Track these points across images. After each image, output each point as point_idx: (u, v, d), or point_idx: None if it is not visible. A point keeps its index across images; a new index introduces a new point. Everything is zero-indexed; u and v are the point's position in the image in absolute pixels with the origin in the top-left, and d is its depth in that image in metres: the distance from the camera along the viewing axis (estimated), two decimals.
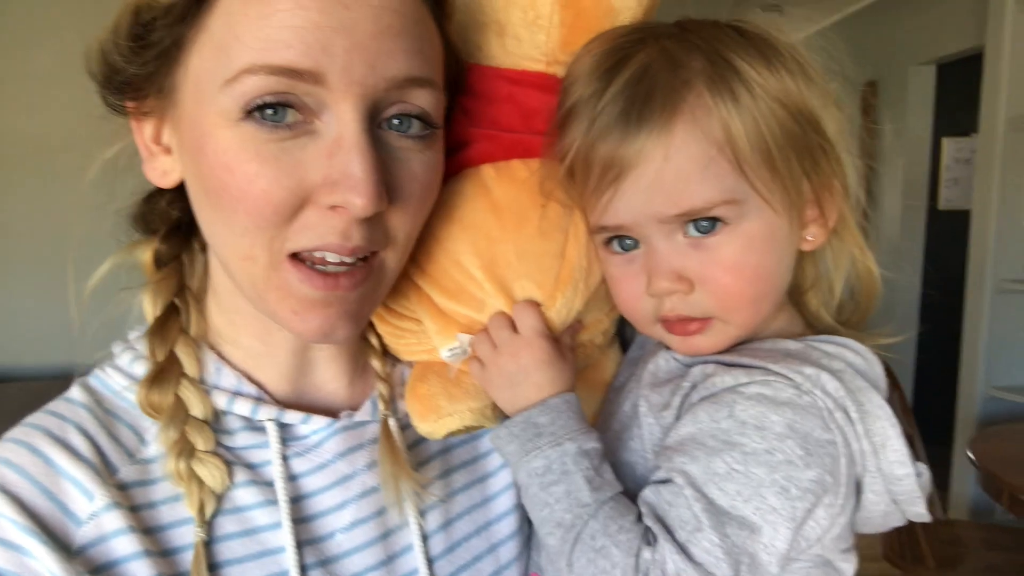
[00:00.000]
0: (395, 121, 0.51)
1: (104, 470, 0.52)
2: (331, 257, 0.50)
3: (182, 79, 0.51)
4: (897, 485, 0.56)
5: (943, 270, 3.58)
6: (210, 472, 0.54)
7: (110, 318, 0.61)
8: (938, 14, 3.77)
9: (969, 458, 2.35)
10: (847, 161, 0.58)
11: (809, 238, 0.59)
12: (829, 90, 0.57)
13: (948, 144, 4.06)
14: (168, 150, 0.55)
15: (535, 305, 0.60)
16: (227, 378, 0.59)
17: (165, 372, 0.56)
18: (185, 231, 0.61)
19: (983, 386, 3.25)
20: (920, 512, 0.57)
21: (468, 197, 0.60)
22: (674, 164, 0.53)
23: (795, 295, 0.64)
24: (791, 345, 0.58)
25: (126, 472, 0.54)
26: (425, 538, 0.61)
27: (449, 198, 0.61)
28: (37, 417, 0.55)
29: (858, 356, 0.58)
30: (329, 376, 0.63)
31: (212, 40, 0.48)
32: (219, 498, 0.55)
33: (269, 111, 0.47)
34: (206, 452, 0.54)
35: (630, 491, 0.57)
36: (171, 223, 0.61)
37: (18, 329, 2.66)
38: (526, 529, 0.67)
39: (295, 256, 0.51)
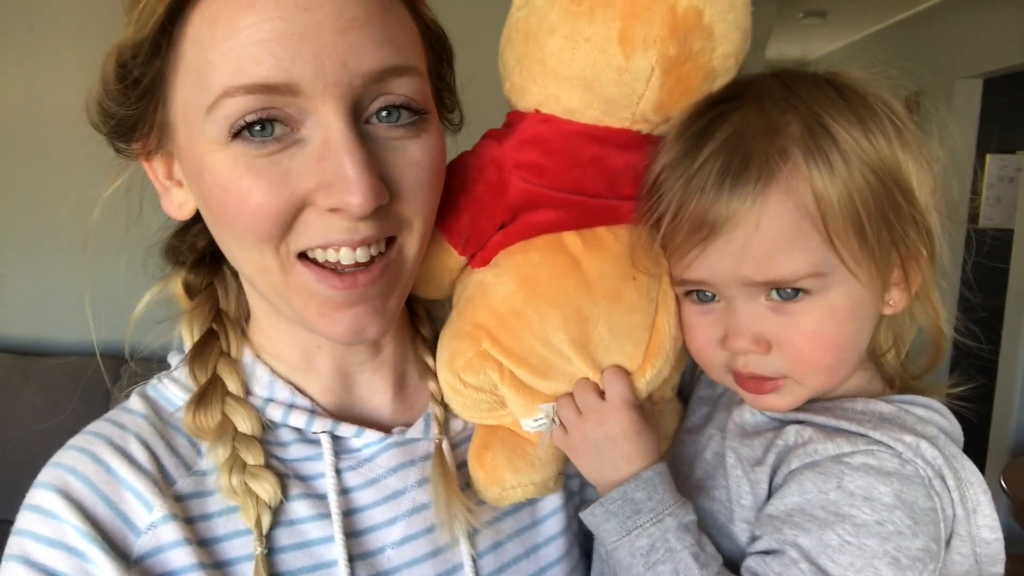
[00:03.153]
0: (383, 114, 0.50)
1: (162, 481, 0.53)
2: (345, 258, 0.50)
3: (172, 112, 0.51)
4: (984, 548, 0.56)
5: (981, 290, 3.48)
6: (263, 486, 0.54)
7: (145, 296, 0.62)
8: (986, 27, 3.66)
9: (1002, 487, 2.27)
10: (936, 227, 0.56)
11: (891, 303, 0.58)
12: (923, 150, 0.55)
13: (992, 161, 3.94)
14: (180, 183, 0.55)
15: (625, 373, 0.59)
16: (281, 391, 0.59)
17: (209, 394, 0.57)
18: (213, 259, 0.62)
19: (1019, 413, 3.15)
20: (998, 572, 0.57)
21: (556, 271, 0.57)
22: (765, 234, 0.52)
23: (874, 355, 0.63)
24: (884, 408, 0.57)
25: (183, 484, 0.54)
26: (475, 558, 0.60)
27: (530, 270, 0.57)
28: (98, 425, 0.56)
29: (944, 419, 0.58)
30: (373, 390, 0.63)
31: (189, 69, 0.49)
32: (275, 511, 0.55)
33: (256, 128, 0.47)
34: (258, 466, 0.55)
35: (712, 537, 0.57)
36: (198, 253, 0.62)
37: (55, 305, 2.72)
38: (574, 553, 0.67)
39: (305, 256, 0.51)
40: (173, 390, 0.59)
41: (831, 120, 0.52)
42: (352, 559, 0.56)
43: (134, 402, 0.58)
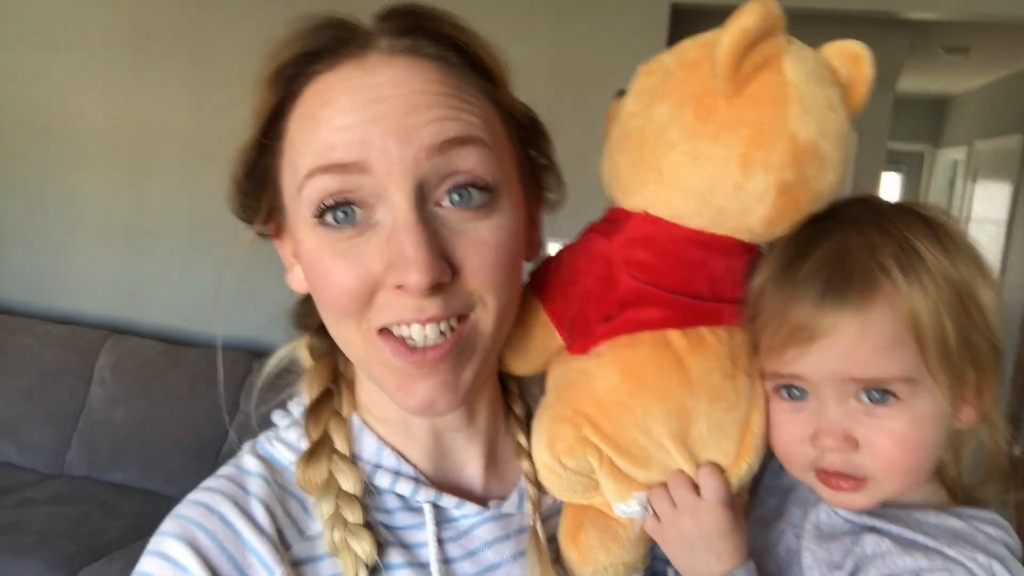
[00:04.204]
0: (455, 197, 0.53)
1: (281, 546, 0.56)
2: (416, 334, 0.54)
3: (282, 199, 0.58)
4: None
5: None
6: (360, 545, 0.56)
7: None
8: None
9: None
10: (1002, 347, 0.61)
11: (963, 417, 0.62)
12: (996, 280, 0.61)
13: None
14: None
15: (720, 470, 0.62)
16: (388, 458, 0.62)
17: (319, 451, 0.60)
18: None
19: None
20: None
21: (661, 367, 0.61)
22: (867, 338, 0.57)
23: (937, 466, 0.66)
24: (956, 524, 0.60)
25: (298, 548, 0.57)
26: None
27: (636, 364, 0.61)
28: (219, 483, 0.59)
29: (1010, 537, 0.60)
30: (467, 458, 0.66)
31: (288, 160, 0.56)
32: (373, 572, 0.57)
33: (339, 213, 0.53)
34: (357, 524, 0.57)
35: None
36: (320, 320, 0.65)
37: (200, 301, 3.03)
38: None
39: (385, 331, 0.54)
40: (282, 451, 0.62)
41: (919, 243, 0.58)
42: None
43: (249, 462, 0.61)
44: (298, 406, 0.65)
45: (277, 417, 0.66)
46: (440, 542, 0.60)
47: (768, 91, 0.57)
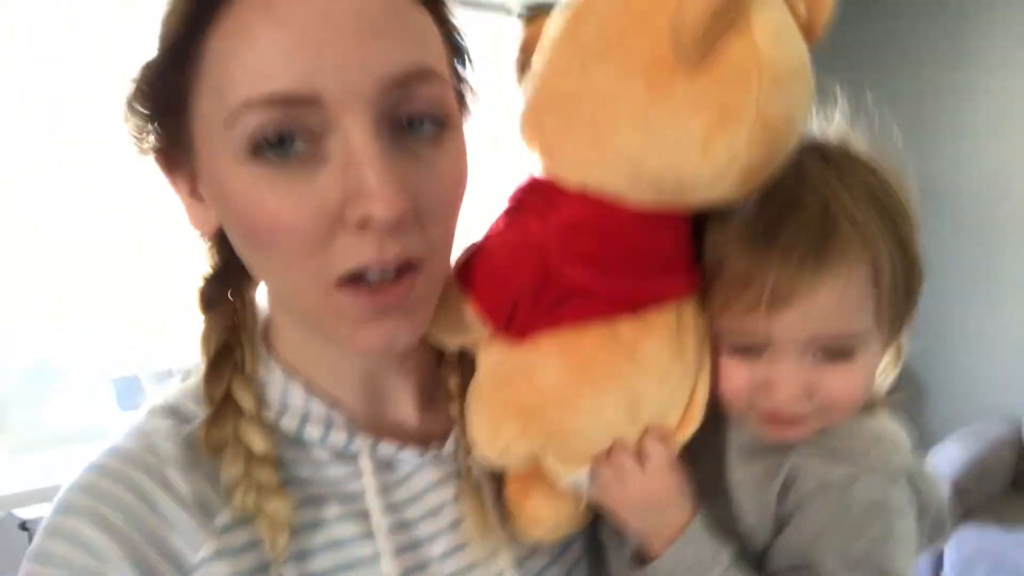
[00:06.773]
0: (406, 123, 0.48)
1: (206, 513, 0.51)
2: (372, 275, 0.49)
3: (194, 129, 0.49)
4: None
5: None
6: (276, 507, 0.53)
7: None
8: None
9: None
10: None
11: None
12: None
13: None
14: (202, 199, 0.53)
15: (664, 437, 0.61)
16: (317, 408, 0.58)
17: (222, 414, 0.55)
18: (229, 271, 0.58)
19: None
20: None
21: (610, 360, 0.56)
22: (839, 304, 0.57)
23: None
24: (867, 430, 0.64)
25: (226, 512, 0.52)
26: (516, 565, 0.63)
27: (582, 359, 0.56)
28: (129, 446, 0.52)
29: (907, 438, 0.66)
30: (400, 399, 0.63)
31: (209, 83, 0.46)
32: (307, 532, 0.54)
33: (276, 144, 0.45)
34: (271, 487, 0.53)
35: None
36: (215, 267, 0.59)
37: None
38: (589, 549, 0.72)
39: (342, 281, 0.49)
40: (192, 406, 0.56)
41: (882, 199, 0.59)
42: None
43: (159, 419, 0.54)
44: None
45: (184, 370, 0.59)
46: (381, 490, 0.58)
47: (734, 63, 0.48)
